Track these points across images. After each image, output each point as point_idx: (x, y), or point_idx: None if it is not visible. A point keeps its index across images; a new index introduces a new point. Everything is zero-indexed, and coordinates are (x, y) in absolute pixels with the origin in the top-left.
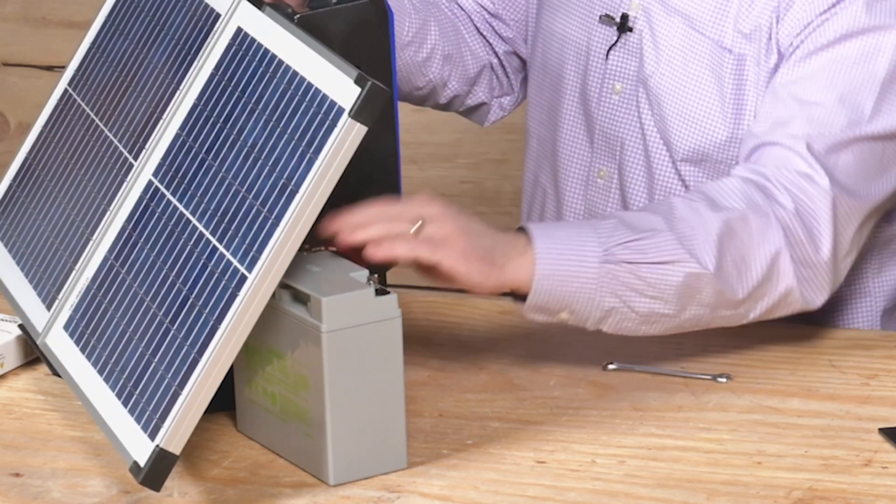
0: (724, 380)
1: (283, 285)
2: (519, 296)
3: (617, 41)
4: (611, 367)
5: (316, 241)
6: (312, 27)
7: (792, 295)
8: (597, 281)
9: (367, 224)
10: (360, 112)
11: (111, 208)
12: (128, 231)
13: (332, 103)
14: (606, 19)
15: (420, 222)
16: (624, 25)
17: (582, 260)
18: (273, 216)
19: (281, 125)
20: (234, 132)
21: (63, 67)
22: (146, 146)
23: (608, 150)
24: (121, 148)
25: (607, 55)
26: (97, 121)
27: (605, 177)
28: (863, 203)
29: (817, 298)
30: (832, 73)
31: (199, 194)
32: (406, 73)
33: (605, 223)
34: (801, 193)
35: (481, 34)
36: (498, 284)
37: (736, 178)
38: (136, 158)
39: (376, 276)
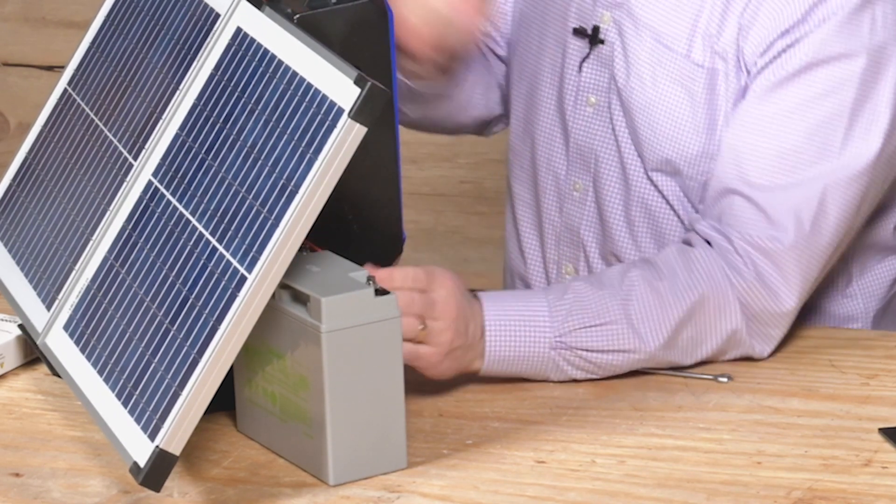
0: (724, 379)
1: (282, 285)
2: None
3: (589, 53)
4: None
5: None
6: (312, 27)
7: (747, 355)
8: (546, 362)
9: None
10: (359, 112)
11: (111, 208)
12: (128, 231)
13: (332, 104)
14: (579, 32)
15: (423, 328)
16: (595, 38)
17: (533, 344)
18: (273, 216)
19: (281, 125)
20: (234, 132)
21: (63, 67)
22: (146, 146)
23: (583, 162)
24: (120, 148)
25: (580, 67)
26: (97, 121)
27: (581, 189)
28: (832, 244)
29: (767, 350)
30: (800, 108)
31: (198, 194)
32: (463, 109)
33: (561, 303)
34: (764, 258)
35: (483, 54)
36: (455, 374)
37: (701, 248)
38: (135, 158)
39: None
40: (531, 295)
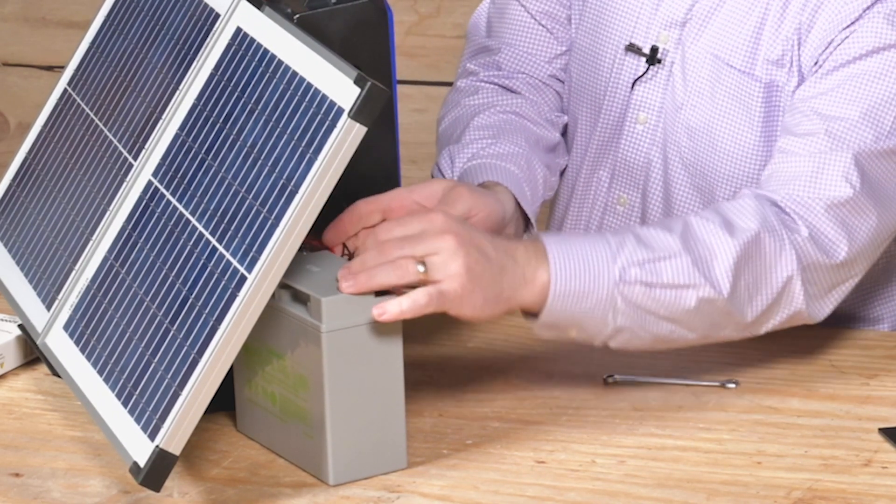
0: (733, 385)
1: (282, 285)
2: (527, 311)
3: (644, 73)
4: (611, 379)
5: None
6: (312, 27)
7: (800, 315)
8: (610, 299)
9: (371, 267)
10: (359, 112)
11: (111, 208)
12: (127, 231)
13: (332, 104)
14: (632, 48)
15: (424, 269)
16: (653, 58)
17: (597, 277)
18: (273, 216)
19: (281, 125)
20: (234, 132)
21: (63, 67)
22: (146, 146)
23: (630, 177)
24: (120, 148)
25: (633, 86)
26: (97, 121)
27: (626, 204)
28: (881, 219)
29: (820, 311)
30: (855, 88)
31: (198, 194)
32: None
33: (619, 238)
34: (808, 213)
35: (555, 90)
36: (502, 313)
37: (750, 196)
38: (135, 158)
39: None
40: (590, 235)
